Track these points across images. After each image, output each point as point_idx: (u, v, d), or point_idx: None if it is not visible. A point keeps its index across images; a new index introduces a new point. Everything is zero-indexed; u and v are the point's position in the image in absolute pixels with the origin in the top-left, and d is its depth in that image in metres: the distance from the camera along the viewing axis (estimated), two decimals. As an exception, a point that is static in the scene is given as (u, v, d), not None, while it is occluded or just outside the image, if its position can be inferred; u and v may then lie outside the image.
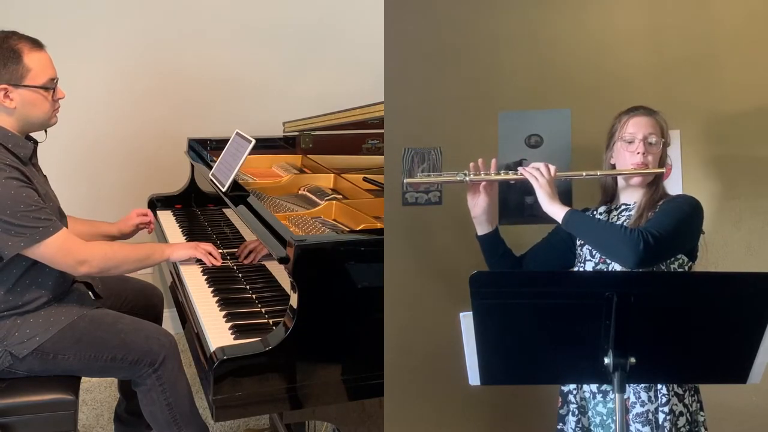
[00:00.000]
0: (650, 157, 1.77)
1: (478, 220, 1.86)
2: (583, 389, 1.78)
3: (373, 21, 2.66)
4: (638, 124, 1.78)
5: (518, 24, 2.20)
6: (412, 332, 2.11)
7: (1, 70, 1.95)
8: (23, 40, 1.99)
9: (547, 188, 1.75)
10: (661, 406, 1.67)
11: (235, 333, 1.85)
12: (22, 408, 2.00)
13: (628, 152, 1.78)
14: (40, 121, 2.06)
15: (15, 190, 1.90)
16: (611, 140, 1.83)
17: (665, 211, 1.71)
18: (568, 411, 1.81)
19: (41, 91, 2.01)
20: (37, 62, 2.00)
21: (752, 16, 2.13)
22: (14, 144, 2.00)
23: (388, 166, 2.16)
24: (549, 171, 1.77)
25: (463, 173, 1.81)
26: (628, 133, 1.78)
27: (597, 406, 1.74)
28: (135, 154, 3.47)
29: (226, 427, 2.82)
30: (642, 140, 1.76)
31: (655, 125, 1.79)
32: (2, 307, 2.01)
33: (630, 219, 1.77)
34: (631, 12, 2.18)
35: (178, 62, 3.45)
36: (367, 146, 3.09)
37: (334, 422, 1.88)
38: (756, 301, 1.35)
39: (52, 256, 1.97)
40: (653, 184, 1.79)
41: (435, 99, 2.21)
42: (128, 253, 2.13)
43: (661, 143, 1.79)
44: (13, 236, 1.90)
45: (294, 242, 1.73)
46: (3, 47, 1.96)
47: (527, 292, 1.38)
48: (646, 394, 1.68)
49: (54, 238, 1.95)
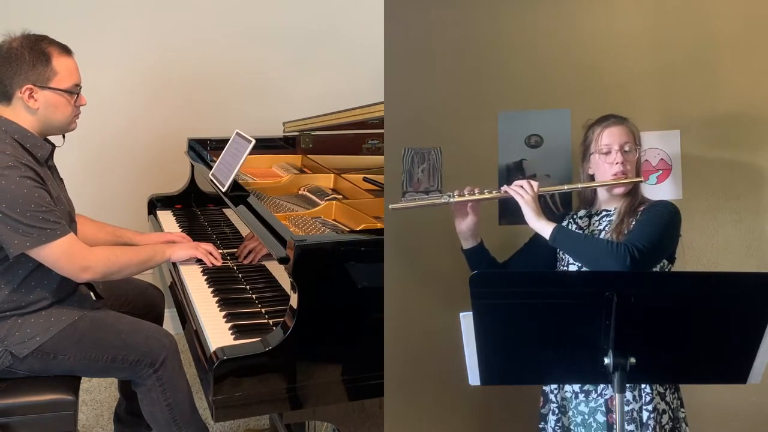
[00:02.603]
0: (628, 166, 1.80)
1: (464, 235, 1.88)
2: (564, 389, 1.80)
3: (373, 21, 2.66)
4: (613, 135, 1.81)
5: (518, 24, 2.19)
6: (412, 332, 2.11)
7: (30, 70, 1.98)
8: (54, 45, 2.04)
9: (533, 204, 1.77)
10: (645, 404, 1.70)
11: (235, 333, 1.85)
12: (22, 408, 2.00)
13: (607, 164, 1.81)
14: (61, 124, 2.08)
15: (28, 189, 1.91)
16: (586, 152, 1.87)
17: (647, 222, 1.74)
18: (549, 410, 1.83)
19: (65, 95, 2.04)
20: (65, 67, 2.03)
21: (752, 16, 2.13)
22: (32, 144, 2.02)
23: (388, 166, 2.16)
24: (532, 187, 1.79)
25: (448, 195, 1.83)
26: (604, 145, 1.81)
27: (579, 405, 1.76)
28: (135, 154, 3.47)
29: (226, 427, 2.82)
30: (618, 150, 1.79)
31: (628, 133, 1.82)
32: (5, 307, 2.01)
33: (611, 225, 1.79)
34: (631, 12, 2.18)
35: (177, 62, 3.45)
36: (367, 146, 3.09)
37: (334, 422, 1.88)
38: (756, 301, 1.35)
39: (56, 259, 1.97)
40: (633, 190, 1.83)
41: (435, 99, 2.20)
42: (131, 257, 2.13)
43: (636, 150, 1.82)
44: (21, 235, 1.90)
45: (294, 242, 1.73)
46: (34, 49, 1.99)
47: (527, 293, 1.38)
48: (631, 393, 1.71)
49: (60, 241, 1.95)
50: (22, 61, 1.98)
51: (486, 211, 2.19)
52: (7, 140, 1.97)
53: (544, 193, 1.84)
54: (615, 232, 1.77)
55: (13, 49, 1.99)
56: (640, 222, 1.75)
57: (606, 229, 1.81)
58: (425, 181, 2.24)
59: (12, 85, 1.99)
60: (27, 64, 1.98)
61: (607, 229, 1.80)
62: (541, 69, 2.18)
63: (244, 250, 2.31)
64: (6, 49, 2.00)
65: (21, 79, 1.98)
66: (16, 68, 1.98)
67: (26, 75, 1.98)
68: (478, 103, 2.19)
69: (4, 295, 2.01)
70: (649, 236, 1.68)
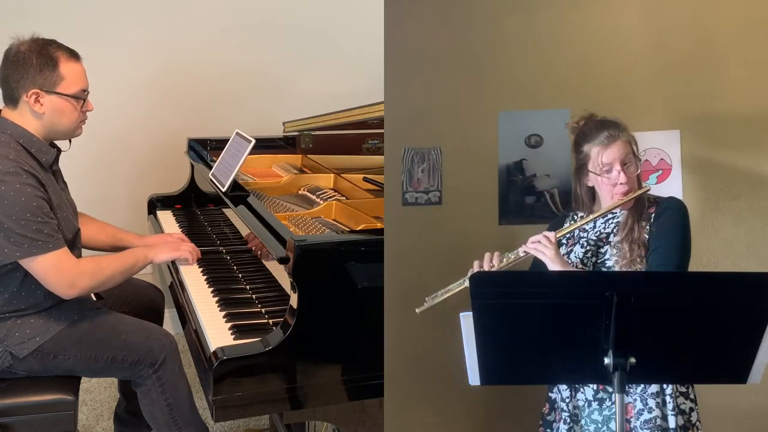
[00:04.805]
0: (631, 182, 1.74)
1: None
2: (576, 397, 1.77)
3: (373, 21, 2.66)
4: (612, 154, 1.73)
5: (518, 24, 2.20)
6: (412, 332, 2.11)
7: (37, 75, 1.98)
8: (61, 50, 2.03)
9: (558, 259, 1.70)
10: (670, 411, 1.67)
11: (235, 333, 1.85)
12: (22, 408, 2.00)
13: (610, 184, 1.74)
14: (66, 129, 2.07)
15: (26, 197, 1.89)
16: (582, 167, 1.78)
17: (668, 236, 1.69)
18: (558, 419, 1.79)
19: (72, 100, 2.03)
20: (72, 72, 2.03)
21: (752, 15, 2.13)
22: (37, 149, 2.01)
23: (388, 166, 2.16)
24: (550, 240, 1.71)
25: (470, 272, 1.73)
26: (604, 164, 1.73)
27: (592, 414, 1.73)
28: (135, 154, 3.47)
29: (226, 427, 2.82)
30: (620, 169, 1.72)
31: (626, 147, 1.74)
32: (5, 309, 2.01)
33: (620, 230, 1.74)
34: (631, 12, 2.18)
35: (177, 62, 3.45)
36: (367, 146, 3.09)
37: (334, 422, 1.88)
38: (756, 301, 1.35)
39: (44, 272, 1.93)
40: (638, 198, 1.77)
41: (435, 99, 2.21)
42: (115, 267, 2.09)
43: (636, 162, 1.75)
44: (11, 244, 1.88)
45: (294, 242, 1.73)
46: (42, 53, 1.99)
47: (527, 293, 1.38)
48: (654, 400, 1.67)
49: (51, 255, 1.91)
50: (29, 65, 1.97)
51: (486, 211, 2.19)
52: (11, 144, 1.96)
53: (561, 237, 1.76)
54: (627, 240, 1.71)
55: (21, 53, 1.98)
56: (663, 237, 1.69)
57: (615, 233, 1.76)
58: (425, 181, 2.24)
59: (19, 89, 1.99)
60: (34, 68, 1.98)
61: (616, 233, 1.75)
62: (540, 69, 2.18)
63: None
64: (14, 53, 1.99)
65: (28, 83, 1.98)
66: (23, 72, 1.97)
67: (33, 79, 1.98)
68: (478, 103, 2.20)
69: (3, 298, 2.00)
70: (679, 252, 1.66)
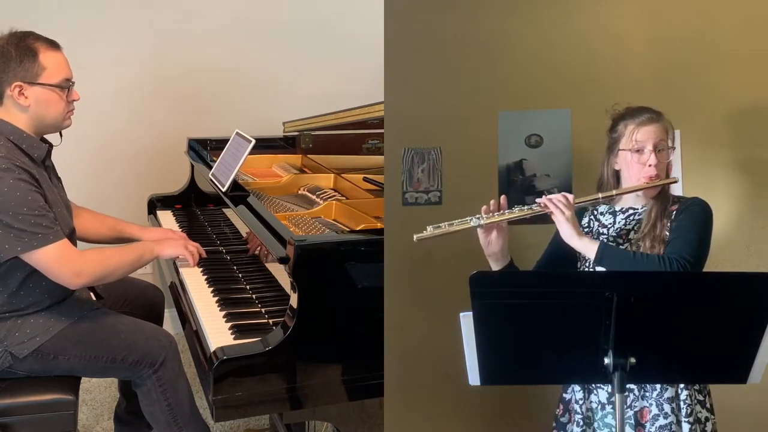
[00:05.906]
0: (661, 167, 1.69)
1: (496, 256, 1.72)
2: (590, 400, 1.74)
3: (373, 21, 2.66)
4: (648, 133, 1.69)
5: (518, 24, 2.20)
6: (412, 332, 2.11)
7: (17, 67, 1.97)
8: (40, 40, 2.01)
9: (573, 221, 1.63)
10: (685, 416, 1.65)
11: (235, 333, 1.85)
12: (22, 408, 2.00)
13: (639, 164, 1.69)
14: (54, 121, 2.05)
15: (21, 192, 1.89)
16: (614, 146, 1.74)
17: (689, 228, 1.65)
18: (571, 420, 1.77)
19: (56, 90, 2.01)
20: (53, 61, 2.01)
21: (752, 15, 2.13)
22: (28, 145, 2.01)
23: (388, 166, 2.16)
24: (569, 201, 1.64)
25: (476, 217, 1.68)
26: (637, 142, 1.69)
27: (606, 417, 1.71)
28: (135, 154, 3.47)
29: (226, 427, 2.82)
30: (652, 150, 1.68)
31: (663, 131, 1.70)
32: (4, 309, 2.01)
33: (641, 227, 1.71)
34: (631, 12, 2.18)
35: (177, 62, 3.45)
36: (367, 146, 3.09)
37: (334, 422, 1.88)
38: (756, 301, 1.35)
39: (48, 264, 1.94)
40: (664, 191, 1.73)
41: (435, 99, 2.21)
42: (122, 258, 2.10)
43: (669, 149, 1.72)
44: (12, 239, 1.88)
45: (294, 242, 1.73)
46: (20, 45, 1.97)
47: (527, 293, 1.38)
48: (669, 405, 1.65)
49: (52, 246, 1.92)
50: (8, 58, 1.96)
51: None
52: (1, 141, 1.95)
53: (579, 205, 1.69)
54: (649, 237, 1.67)
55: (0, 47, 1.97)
56: (682, 228, 1.66)
57: (636, 230, 1.72)
58: (425, 180, 2.24)
59: (2, 84, 1.98)
60: (14, 60, 1.96)
61: (637, 230, 1.71)
62: (540, 69, 2.18)
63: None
64: None
65: (9, 76, 1.97)
66: (3, 66, 1.96)
67: (14, 72, 1.96)
68: (478, 103, 2.20)
69: (3, 298, 2.00)
70: (695, 245, 1.62)
